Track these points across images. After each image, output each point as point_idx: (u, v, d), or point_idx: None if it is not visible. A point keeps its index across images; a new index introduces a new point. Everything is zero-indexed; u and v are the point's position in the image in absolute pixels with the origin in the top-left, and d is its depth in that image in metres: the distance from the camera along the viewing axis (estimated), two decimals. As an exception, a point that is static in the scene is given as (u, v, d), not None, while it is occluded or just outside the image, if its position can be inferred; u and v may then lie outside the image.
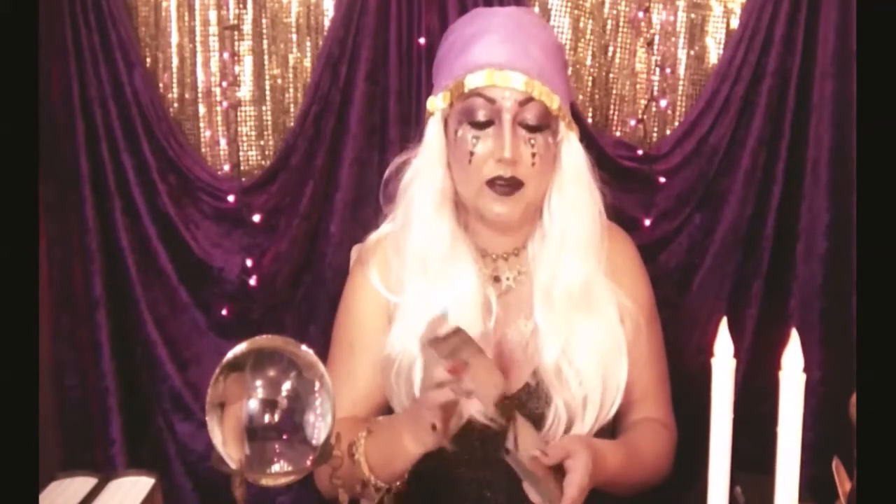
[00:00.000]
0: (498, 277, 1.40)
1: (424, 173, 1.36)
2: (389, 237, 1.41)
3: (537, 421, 1.32)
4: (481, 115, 1.30)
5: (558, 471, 1.19)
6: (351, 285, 1.45)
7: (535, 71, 1.29)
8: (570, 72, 1.78)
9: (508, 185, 1.30)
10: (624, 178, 1.77)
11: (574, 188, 1.35)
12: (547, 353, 1.34)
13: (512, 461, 1.16)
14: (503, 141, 1.28)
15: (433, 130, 1.36)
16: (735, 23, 1.79)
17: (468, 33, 1.34)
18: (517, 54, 1.29)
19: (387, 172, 1.42)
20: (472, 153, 1.30)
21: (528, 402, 1.35)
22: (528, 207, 1.34)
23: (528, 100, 1.29)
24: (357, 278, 1.44)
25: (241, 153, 1.84)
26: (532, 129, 1.30)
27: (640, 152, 1.81)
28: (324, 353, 1.40)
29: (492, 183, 1.30)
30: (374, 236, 1.45)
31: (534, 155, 1.30)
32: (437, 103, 1.35)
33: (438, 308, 1.15)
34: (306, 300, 1.84)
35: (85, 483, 1.08)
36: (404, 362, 1.34)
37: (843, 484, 1.05)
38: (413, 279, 1.36)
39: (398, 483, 1.26)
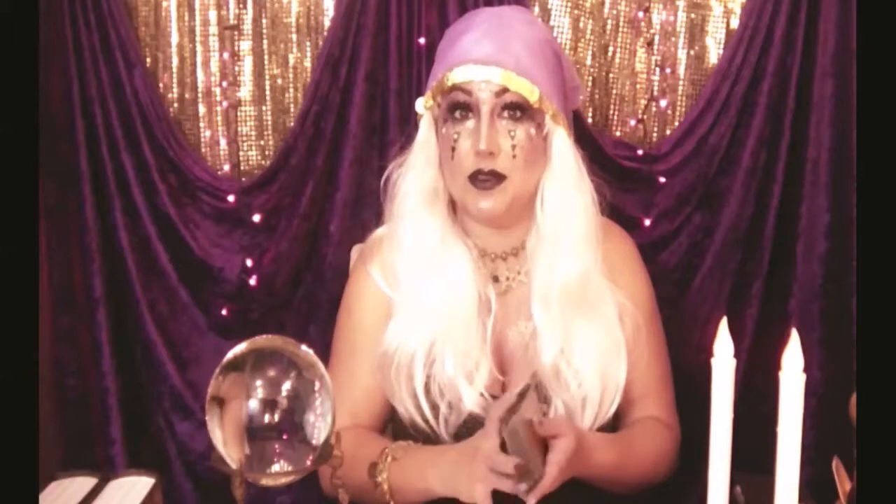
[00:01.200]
0: (497, 277, 1.40)
1: (414, 171, 1.38)
2: (388, 235, 1.42)
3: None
4: (460, 108, 1.32)
5: (544, 451, 1.20)
6: (352, 285, 1.45)
7: (513, 63, 1.30)
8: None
9: (489, 180, 1.31)
10: (624, 178, 1.77)
11: (564, 183, 1.36)
12: (545, 354, 1.34)
13: (506, 433, 1.17)
14: (480, 133, 1.29)
15: (424, 130, 1.38)
16: (735, 23, 1.79)
17: (454, 34, 1.37)
18: (496, 49, 1.31)
19: (387, 171, 1.42)
20: (453, 148, 1.32)
21: (527, 402, 1.35)
22: (513, 202, 1.34)
23: (505, 91, 1.30)
24: (359, 278, 1.44)
25: (241, 153, 1.84)
26: (511, 120, 1.31)
27: (640, 152, 1.81)
28: (324, 353, 1.39)
29: (474, 178, 1.31)
30: (375, 235, 1.45)
31: (514, 147, 1.31)
32: (422, 104, 1.38)
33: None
34: (306, 300, 1.84)
35: (85, 483, 1.08)
36: (403, 359, 1.34)
37: (843, 484, 1.05)
38: (407, 275, 1.37)
39: None
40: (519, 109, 1.31)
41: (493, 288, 1.38)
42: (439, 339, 1.33)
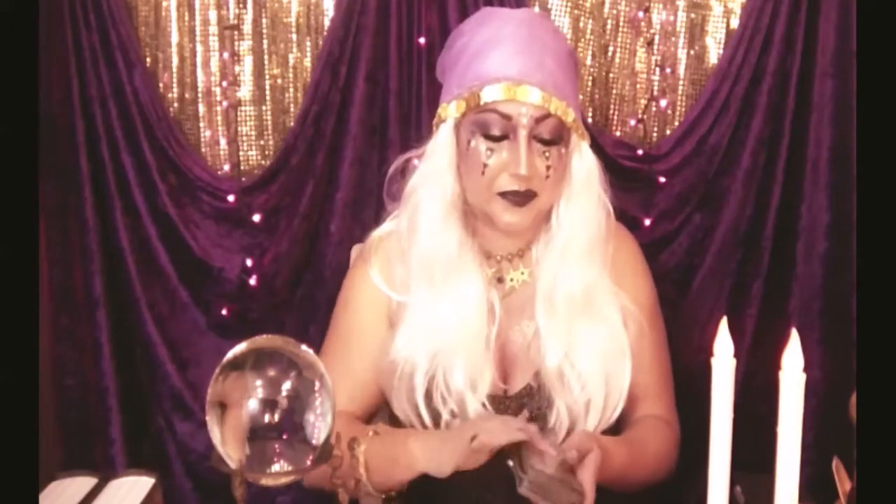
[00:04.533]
0: (502, 278, 1.40)
1: (432, 179, 1.34)
2: (392, 236, 1.41)
3: (538, 422, 1.32)
4: (496, 131, 1.28)
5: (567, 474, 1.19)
6: (350, 280, 1.45)
7: (550, 84, 1.28)
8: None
9: (522, 197, 1.29)
10: (624, 178, 1.76)
11: (583, 197, 1.35)
12: (549, 357, 1.34)
13: (525, 490, 1.16)
14: (518, 157, 1.27)
15: (444, 137, 1.34)
16: (735, 23, 1.79)
17: (481, 39, 1.31)
18: (533, 67, 1.27)
19: (391, 169, 1.41)
20: (485, 165, 1.29)
21: (528, 403, 1.35)
22: (538, 215, 1.34)
23: (545, 116, 1.28)
24: (357, 273, 1.43)
25: (241, 153, 1.84)
26: (547, 144, 1.29)
27: (640, 152, 1.81)
28: (324, 353, 1.40)
29: (504, 195, 1.30)
30: (376, 234, 1.44)
31: (548, 167, 1.29)
32: (450, 111, 1.32)
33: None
34: (306, 300, 1.84)
35: (85, 483, 1.09)
36: (406, 368, 1.34)
37: (843, 484, 1.05)
38: (418, 285, 1.36)
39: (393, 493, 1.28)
40: (555, 133, 1.29)
41: (497, 291, 1.38)
42: (446, 350, 1.33)
